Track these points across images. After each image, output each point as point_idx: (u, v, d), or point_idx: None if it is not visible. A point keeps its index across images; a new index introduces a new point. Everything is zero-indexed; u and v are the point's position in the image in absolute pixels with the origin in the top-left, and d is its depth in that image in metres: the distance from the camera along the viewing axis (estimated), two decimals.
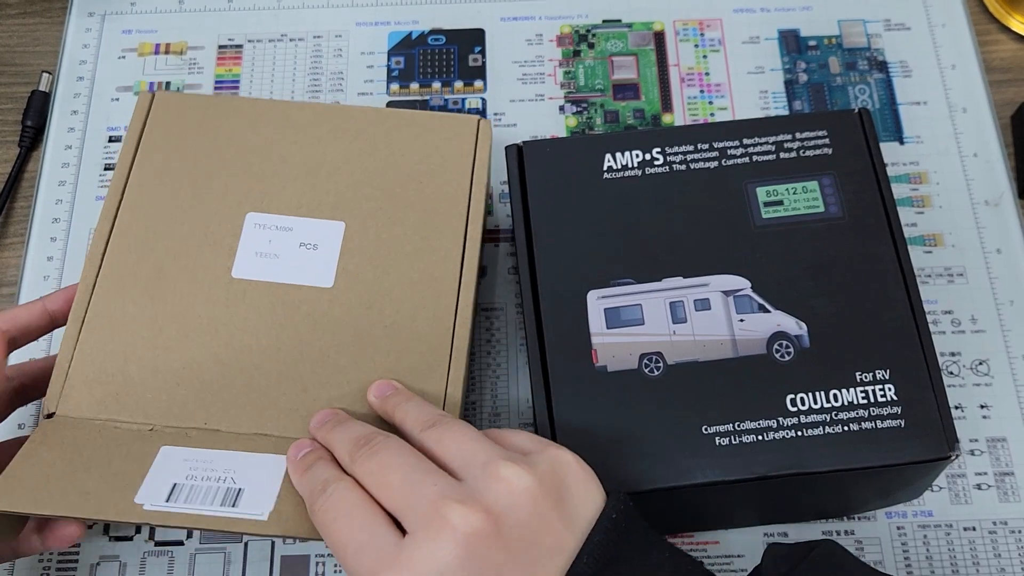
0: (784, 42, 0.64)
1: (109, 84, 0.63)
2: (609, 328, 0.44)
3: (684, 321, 0.44)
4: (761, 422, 0.42)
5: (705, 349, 0.44)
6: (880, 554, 0.50)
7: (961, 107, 0.62)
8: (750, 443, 0.42)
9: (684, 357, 0.43)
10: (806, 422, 0.42)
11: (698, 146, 0.48)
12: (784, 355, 0.43)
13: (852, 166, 0.47)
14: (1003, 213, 0.59)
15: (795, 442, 0.42)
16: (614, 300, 0.45)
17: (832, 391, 0.43)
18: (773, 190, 0.46)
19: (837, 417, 0.42)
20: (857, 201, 0.46)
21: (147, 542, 0.51)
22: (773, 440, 0.42)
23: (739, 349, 0.43)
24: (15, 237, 0.60)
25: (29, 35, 0.66)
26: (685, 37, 0.65)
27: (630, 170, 0.47)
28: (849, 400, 0.42)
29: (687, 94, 0.63)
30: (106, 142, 0.61)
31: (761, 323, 0.44)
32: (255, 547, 0.51)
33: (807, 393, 0.42)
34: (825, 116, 0.49)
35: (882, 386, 0.43)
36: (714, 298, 0.44)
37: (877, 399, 0.42)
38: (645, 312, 0.44)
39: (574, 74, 0.64)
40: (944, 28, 0.64)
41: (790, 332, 0.44)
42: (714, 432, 0.42)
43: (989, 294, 0.56)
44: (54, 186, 0.60)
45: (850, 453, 0.42)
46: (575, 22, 0.65)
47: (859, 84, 0.63)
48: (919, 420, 0.42)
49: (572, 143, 0.50)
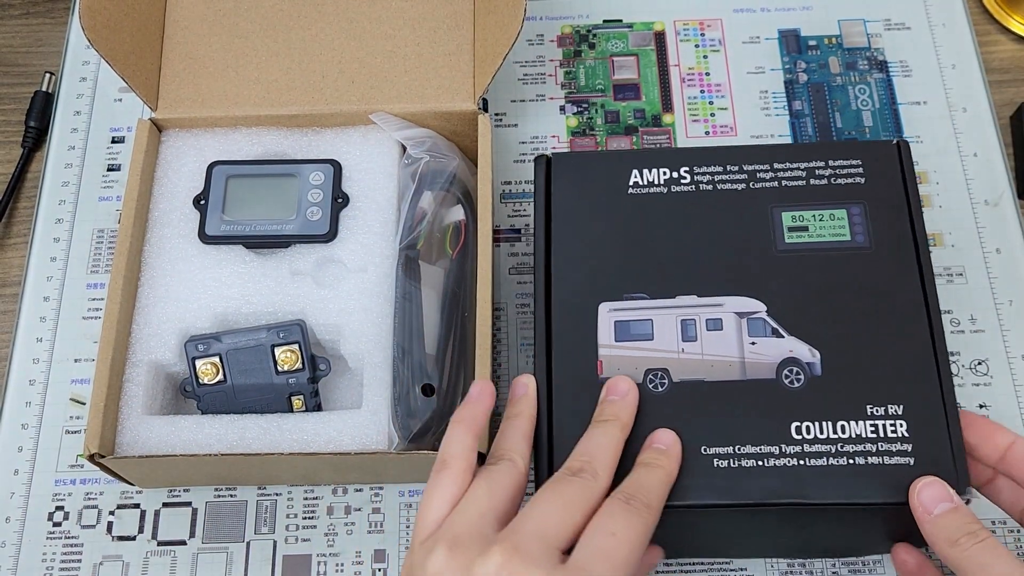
0: (784, 42, 0.65)
1: (112, 85, 0.63)
2: (617, 341, 0.44)
3: (694, 339, 0.43)
4: (763, 447, 0.41)
5: (712, 369, 0.43)
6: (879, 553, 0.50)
7: (961, 107, 0.62)
8: (749, 467, 0.40)
9: (690, 375, 0.43)
10: (810, 451, 0.41)
11: (727, 167, 0.47)
12: (794, 381, 0.42)
13: (885, 197, 0.45)
14: (1003, 213, 0.59)
15: (796, 471, 0.40)
16: (625, 314, 0.44)
17: (840, 422, 0.41)
18: (799, 216, 0.45)
19: (843, 449, 0.40)
20: (886, 233, 0.44)
21: (150, 541, 0.51)
22: (774, 467, 0.40)
23: (747, 372, 0.42)
24: (19, 237, 0.60)
25: (32, 36, 0.66)
26: (685, 37, 0.65)
27: (656, 187, 0.47)
28: (857, 433, 0.41)
29: (687, 94, 0.63)
30: (109, 142, 0.62)
31: (773, 347, 0.43)
32: (257, 547, 0.51)
33: (813, 422, 0.41)
34: (861, 145, 0.48)
35: (893, 421, 0.41)
36: (727, 319, 0.43)
37: (887, 434, 0.41)
38: (655, 327, 0.44)
39: (575, 74, 0.64)
40: (944, 28, 0.64)
41: (802, 359, 0.42)
42: (713, 454, 0.41)
43: (988, 294, 0.56)
44: (57, 186, 0.60)
45: (853, 487, 0.40)
46: (576, 22, 0.65)
47: (859, 84, 0.63)
48: (930, 459, 0.40)
49: (600, 157, 0.49)
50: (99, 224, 0.59)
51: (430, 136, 0.54)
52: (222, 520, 0.51)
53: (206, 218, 0.52)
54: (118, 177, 0.60)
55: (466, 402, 0.42)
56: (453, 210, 0.53)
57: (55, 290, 0.57)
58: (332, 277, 0.52)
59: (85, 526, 0.51)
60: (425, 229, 0.51)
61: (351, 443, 0.47)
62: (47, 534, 0.51)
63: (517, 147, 0.61)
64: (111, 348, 0.48)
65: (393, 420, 0.48)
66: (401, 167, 0.54)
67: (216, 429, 0.48)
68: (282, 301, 0.51)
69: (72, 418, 0.54)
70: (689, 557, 0.50)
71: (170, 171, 0.54)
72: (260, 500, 0.52)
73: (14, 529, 0.51)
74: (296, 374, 0.49)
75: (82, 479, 0.53)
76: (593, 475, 0.39)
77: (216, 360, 0.49)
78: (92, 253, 0.58)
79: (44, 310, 0.57)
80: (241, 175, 0.53)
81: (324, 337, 0.51)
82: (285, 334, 0.49)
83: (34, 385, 0.55)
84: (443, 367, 0.50)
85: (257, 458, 0.47)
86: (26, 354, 0.56)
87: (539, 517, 0.37)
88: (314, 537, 0.51)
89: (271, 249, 0.52)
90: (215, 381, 0.49)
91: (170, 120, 0.54)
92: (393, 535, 0.51)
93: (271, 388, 0.49)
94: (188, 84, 0.55)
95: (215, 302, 0.51)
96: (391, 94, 0.54)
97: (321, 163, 0.53)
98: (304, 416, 0.48)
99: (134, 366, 0.49)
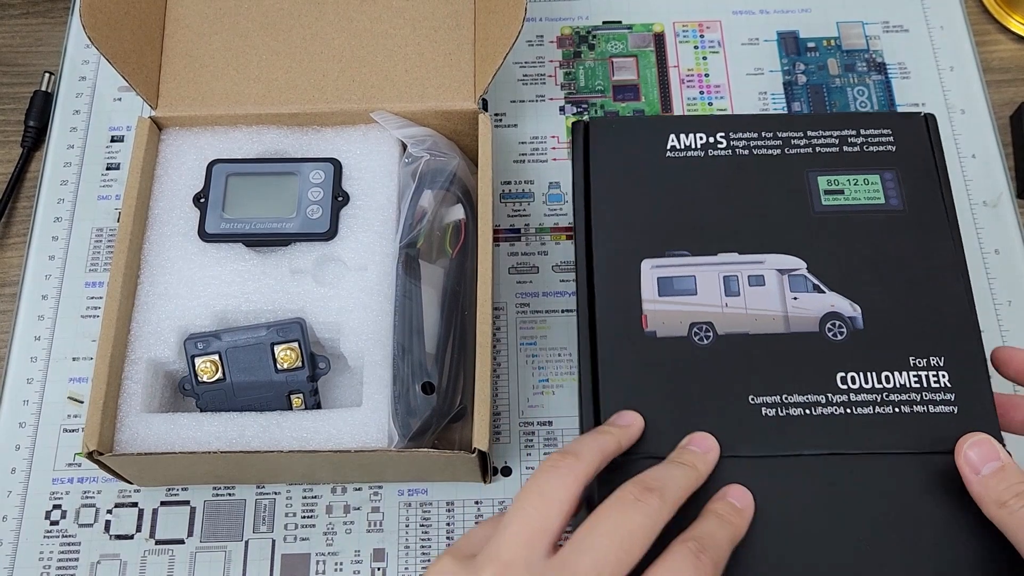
0: (783, 44, 0.65)
1: (111, 84, 0.63)
2: (661, 296, 0.44)
3: (737, 295, 0.44)
4: (810, 396, 0.41)
5: (756, 323, 0.43)
6: None
7: (959, 109, 0.62)
8: (797, 416, 0.41)
9: (735, 329, 0.43)
10: (856, 400, 0.41)
11: (762, 134, 0.48)
12: (836, 334, 0.43)
13: (915, 165, 0.46)
14: (1001, 214, 0.59)
15: (844, 419, 0.41)
16: (668, 270, 0.44)
17: (884, 372, 0.42)
18: (834, 179, 0.46)
19: (888, 398, 0.41)
20: (918, 197, 0.46)
21: (148, 540, 0.51)
22: (821, 416, 0.41)
23: (791, 325, 0.43)
24: (17, 237, 0.60)
25: (32, 35, 0.66)
26: (685, 38, 0.65)
27: (693, 151, 0.47)
28: (901, 383, 0.41)
29: (687, 95, 0.63)
30: (108, 142, 0.62)
31: (815, 302, 0.43)
32: (255, 546, 0.51)
33: (858, 372, 0.42)
34: (891, 116, 0.49)
35: (936, 372, 0.41)
36: (768, 275, 0.44)
37: (930, 384, 0.41)
38: (698, 283, 0.44)
39: (574, 75, 0.64)
40: (942, 30, 0.65)
41: (844, 313, 0.43)
42: (761, 403, 0.41)
43: (987, 294, 0.56)
44: (56, 186, 0.60)
45: (901, 436, 0.40)
46: (575, 23, 0.65)
47: (858, 86, 0.63)
48: (973, 408, 0.41)
49: (638, 122, 0.51)
50: (98, 223, 0.59)
51: (430, 135, 0.54)
52: (220, 519, 0.51)
53: (206, 216, 0.52)
54: (117, 176, 0.60)
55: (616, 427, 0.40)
56: (453, 209, 0.53)
57: (53, 289, 0.57)
58: (332, 275, 0.52)
59: (83, 525, 0.51)
60: (425, 228, 0.51)
61: (351, 441, 0.47)
62: (44, 533, 0.51)
63: (517, 147, 0.61)
64: (110, 345, 0.48)
65: (393, 418, 0.48)
66: (401, 166, 0.54)
67: (215, 427, 0.48)
68: (282, 299, 0.51)
69: (70, 417, 0.54)
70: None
71: (170, 169, 0.54)
72: (259, 499, 0.52)
73: (11, 528, 0.51)
74: (296, 372, 0.49)
75: (80, 478, 0.52)
76: (662, 501, 0.36)
77: (215, 358, 0.49)
78: (91, 252, 0.58)
79: (42, 309, 0.57)
80: (241, 173, 0.53)
81: (324, 335, 0.51)
82: (285, 332, 0.49)
83: (32, 384, 0.55)
84: (443, 365, 0.49)
85: (256, 456, 0.47)
86: (24, 353, 0.55)
87: (598, 550, 0.34)
88: (313, 536, 0.51)
89: (271, 247, 0.52)
90: (214, 379, 0.49)
91: (170, 118, 0.54)
92: (392, 534, 0.51)
93: (270, 386, 0.49)
94: (188, 82, 0.55)
95: (215, 300, 0.51)
96: (391, 93, 0.54)
97: (321, 161, 0.53)
98: (303, 414, 0.48)
99: (133, 364, 0.49)
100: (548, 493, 0.35)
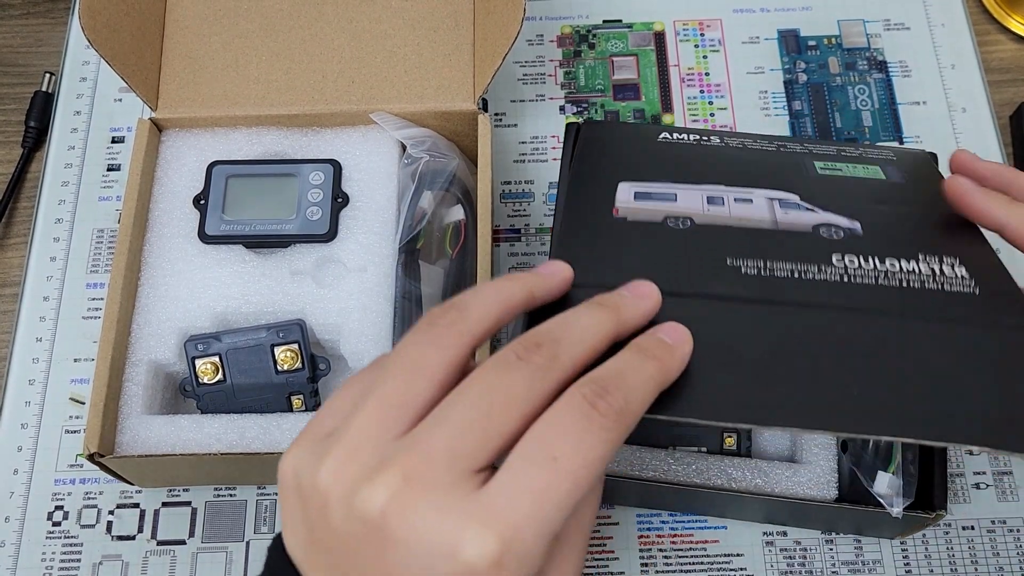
0: (784, 42, 0.65)
1: (112, 85, 0.63)
2: (636, 201, 0.40)
3: (721, 205, 0.39)
4: (799, 264, 0.36)
5: (740, 222, 0.39)
6: (879, 552, 0.50)
7: (960, 107, 0.62)
8: (783, 277, 0.35)
9: (715, 223, 0.38)
10: (855, 271, 0.35)
11: (757, 139, 0.47)
12: (833, 235, 0.37)
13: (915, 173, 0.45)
14: None
15: (840, 286, 0.35)
16: (646, 187, 0.41)
17: (890, 259, 0.36)
18: (833, 165, 0.44)
19: (894, 276, 0.36)
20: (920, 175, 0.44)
21: (149, 541, 0.51)
22: (812, 279, 0.35)
23: (780, 227, 0.38)
24: (18, 237, 0.60)
25: (32, 36, 0.66)
26: (685, 37, 0.65)
27: (686, 143, 0.46)
28: (910, 268, 0.36)
29: (687, 94, 0.63)
30: (109, 142, 0.62)
31: (808, 216, 0.39)
32: (256, 546, 0.51)
33: (858, 255, 0.36)
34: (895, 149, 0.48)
35: (951, 265, 0.36)
36: (757, 198, 0.40)
37: (944, 271, 0.36)
38: (679, 196, 0.40)
39: (575, 74, 0.64)
40: (944, 28, 0.64)
41: (840, 224, 0.38)
42: (740, 264, 0.36)
43: None
44: (57, 186, 0.60)
45: (914, 302, 0.34)
46: (575, 22, 0.65)
47: (859, 84, 0.63)
48: (996, 289, 0.35)
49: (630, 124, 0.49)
50: (99, 224, 0.59)
51: (430, 136, 0.54)
52: (221, 520, 0.51)
53: (206, 218, 0.52)
54: (118, 177, 0.60)
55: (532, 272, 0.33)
56: (453, 210, 0.53)
57: (55, 290, 0.57)
58: (332, 277, 0.52)
59: (85, 526, 0.51)
60: (425, 229, 0.51)
61: None
62: (47, 533, 0.51)
63: (517, 147, 0.61)
64: (111, 347, 0.48)
65: None
66: (401, 167, 0.54)
67: (216, 428, 0.48)
68: (282, 301, 0.51)
69: (71, 418, 0.54)
70: (657, 508, 0.50)
71: (170, 171, 0.54)
72: (260, 500, 0.52)
73: (13, 528, 0.51)
74: (296, 373, 0.49)
75: (81, 479, 0.53)
76: (551, 359, 0.28)
77: (216, 360, 0.49)
78: (92, 253, 0.58)
79: (44, 310, 0.57)
80: (241, 175, 0.53)
81: (324, 337, 0.51)
82: (285, 334, 0.49)
83: (33, 385, 0.55)
84: None
85: (257, 457, 0.47)
86: (25, 354, 0.56)
87: (455, 424, 0.27)
88: None
89: (271, 249, 0.52)
90: (215, 381, 0.49)
91: (170, 120, 0.54)
92: None
93: (271, 388, 0.49)
94: (188, 84, 0.55)
95: (215, 302, 0.51)
96: (391, 94, 0.54)
97: (321, 163, 0.53)
98: (304, 416, 0.48)
99: (134, 365, 0.49)
100: (416, 360, 0.28)
